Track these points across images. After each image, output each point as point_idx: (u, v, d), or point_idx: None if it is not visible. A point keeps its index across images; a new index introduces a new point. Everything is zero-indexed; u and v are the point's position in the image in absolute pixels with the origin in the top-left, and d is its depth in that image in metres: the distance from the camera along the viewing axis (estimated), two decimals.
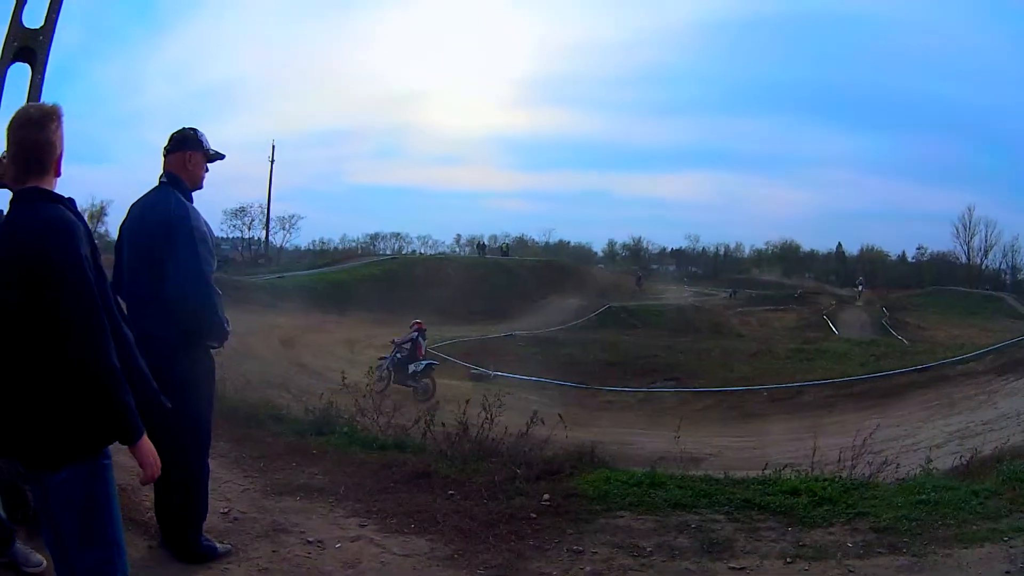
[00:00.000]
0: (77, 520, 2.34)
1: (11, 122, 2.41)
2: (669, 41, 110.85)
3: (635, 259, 76.32)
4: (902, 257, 76.05)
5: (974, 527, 4.76)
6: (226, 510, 4.46)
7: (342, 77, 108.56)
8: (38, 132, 2.37)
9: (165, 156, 3.70)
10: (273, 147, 55.14)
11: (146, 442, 2.39)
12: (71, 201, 2.41)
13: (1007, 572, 4.23)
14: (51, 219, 2.30)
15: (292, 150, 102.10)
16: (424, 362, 17.46)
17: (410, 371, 17.02)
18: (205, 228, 3.60)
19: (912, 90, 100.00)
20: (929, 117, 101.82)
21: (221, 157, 3.81)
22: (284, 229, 63.51)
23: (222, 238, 60.42)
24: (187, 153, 3.67)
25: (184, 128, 3.73)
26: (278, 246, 62.83)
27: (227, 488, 4.89)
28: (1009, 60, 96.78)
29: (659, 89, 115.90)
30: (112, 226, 51.24)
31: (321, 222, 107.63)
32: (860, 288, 41.34)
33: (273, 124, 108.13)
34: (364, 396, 7.74)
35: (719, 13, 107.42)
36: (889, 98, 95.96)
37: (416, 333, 18.16)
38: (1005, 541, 4.60)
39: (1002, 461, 6.68)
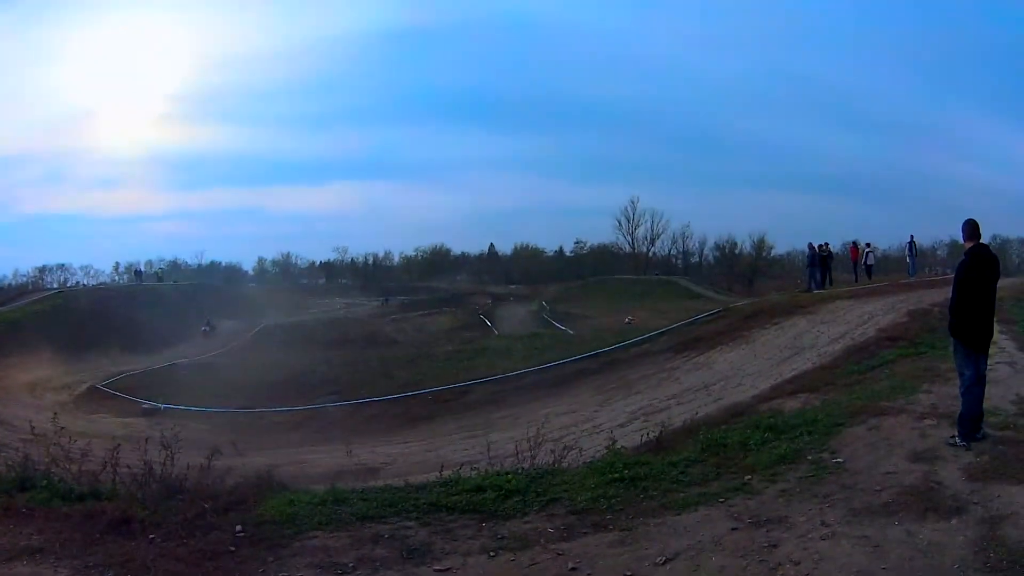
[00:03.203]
0: None
1: None
2: (324, 52, 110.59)
3: (285, 275, 76.16)
4: (559, 252, 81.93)
5: (681, 495, 5.09)
6: None
7: (13, 97, 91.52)
8: None
9: None
10: None
11: None
12: None
13: (734, 528, 4.53)
14: None
15: None
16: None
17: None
18: None
19: (569, 91, 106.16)
20: (587, 117, 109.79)
21: None
22: None
23: None
24: None
25: None
26: None
27: None
28: (669, 58, 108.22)
29: (311, 101, 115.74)
30: None
31: None
32: (206, 329, 39.98)
33: None
34: (54, 444, 7.11)
35: (376, 24, 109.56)
36: (546, 100, 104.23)
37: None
38: (722, 502, 4.92)
39: (698, 431, 7.20)
